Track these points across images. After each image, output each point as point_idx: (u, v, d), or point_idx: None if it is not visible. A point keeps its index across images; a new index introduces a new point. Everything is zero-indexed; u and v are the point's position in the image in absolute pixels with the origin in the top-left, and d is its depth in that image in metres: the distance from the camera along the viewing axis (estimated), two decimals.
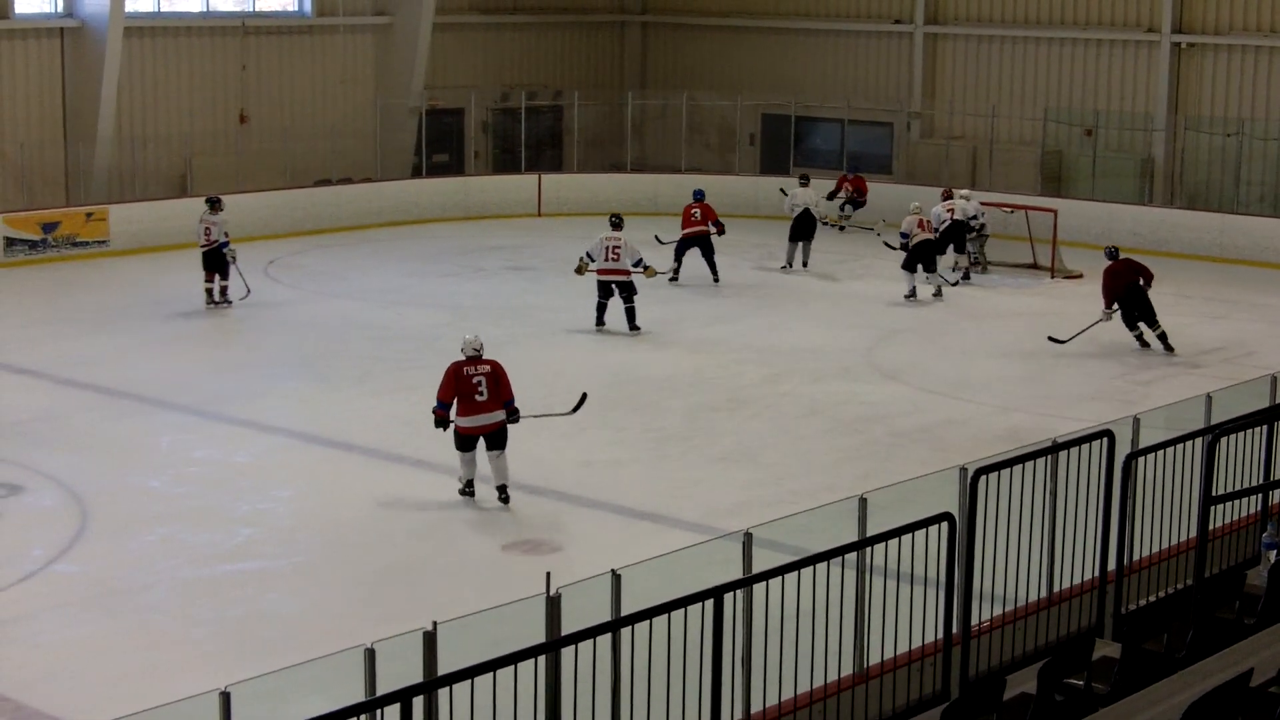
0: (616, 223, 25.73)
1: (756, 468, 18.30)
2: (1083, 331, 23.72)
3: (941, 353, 23.83)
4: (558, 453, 18.70)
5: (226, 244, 26.10)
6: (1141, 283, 23.78)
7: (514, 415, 16.90)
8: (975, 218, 29.56)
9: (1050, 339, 23.78)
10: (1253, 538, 12.44)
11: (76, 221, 30.68)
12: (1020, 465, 10.89)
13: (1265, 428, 12.52)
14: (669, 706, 8.87)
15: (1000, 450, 12.59)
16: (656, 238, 29.52)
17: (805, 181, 31.08)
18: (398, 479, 17.83)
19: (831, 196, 34.12)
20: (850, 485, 15.75)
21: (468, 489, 16.91)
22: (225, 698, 7.62)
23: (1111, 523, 11.21)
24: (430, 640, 8.31)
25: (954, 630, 10.23)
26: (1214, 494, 10.96)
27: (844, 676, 10.17)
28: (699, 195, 28.68)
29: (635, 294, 24.83)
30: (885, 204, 34.08)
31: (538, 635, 8.65)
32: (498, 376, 16.80)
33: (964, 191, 30.33)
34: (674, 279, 28.19)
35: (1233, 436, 11.91)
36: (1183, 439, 11.75)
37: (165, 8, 34.52)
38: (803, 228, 30.24)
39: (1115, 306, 23.74)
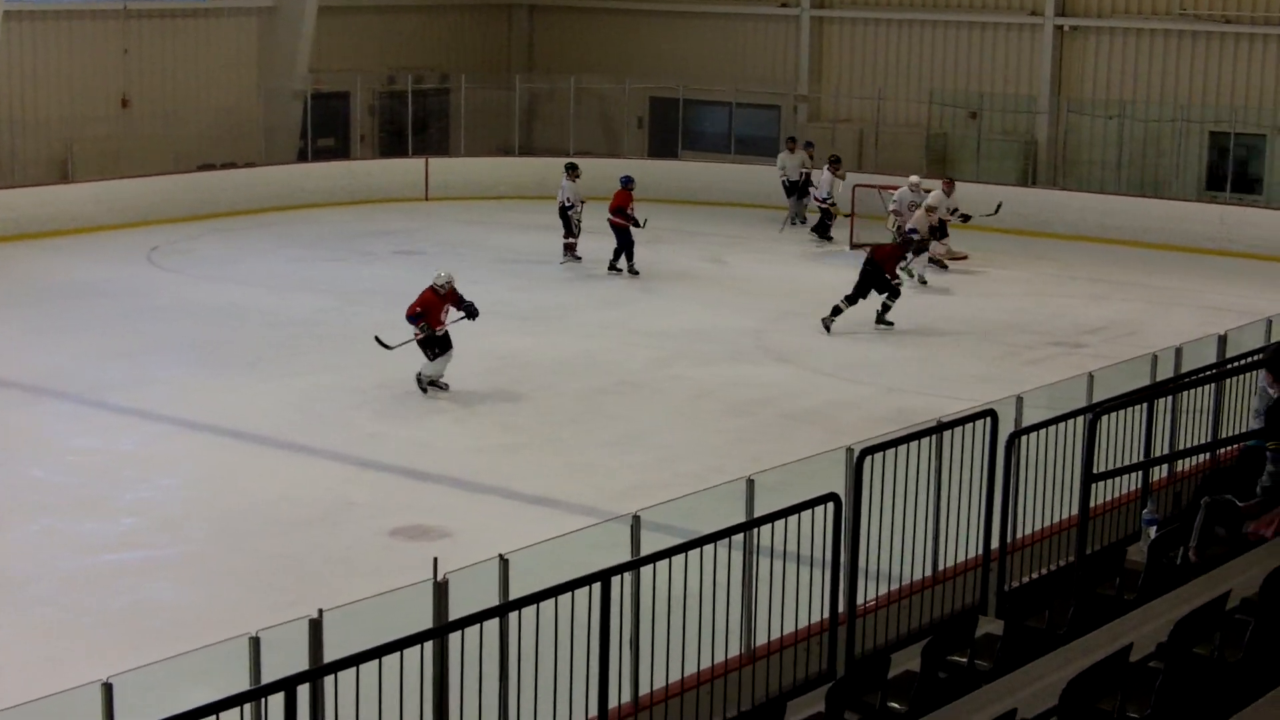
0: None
1: (647, 451, 18.34)
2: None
3: (831, 334, 23.95)
4: (447, 438, 18.65)
5: (572, 206, 28.80)
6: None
7: (423, 329, 20.19)
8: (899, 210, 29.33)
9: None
10: (1133, 514, 12.60)
11: None
12: (905, 445, 10.98)
13: (1145, 406, 12.69)
14: (556, 690, 8.88)
15: (889, 430, 12.68)
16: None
17: (792, 145, 34.24)
18: (285, 466, 17.71)
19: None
20: (740, 467, 15.74)
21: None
22: (107, 689, 7.55)
23: (995, 501, 11.33)
24: (316, 628, 8.26)
25: (840, 610, 10.31)
26: (1095, 472, 11.09)
27: (731, 657, 10.22)
28: (624, 182, 28.41)
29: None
30: (776, 189, 34.20)
31: (425, 621, 8.62)
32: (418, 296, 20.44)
33: (914, 179, 30.14)
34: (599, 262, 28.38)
35: (1113, 415, 12.06)
36: (1064, 418, 11.88)
37: None
38: (797, 187, 33.68)
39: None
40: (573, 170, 29.23)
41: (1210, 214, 31.88)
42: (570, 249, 29.12)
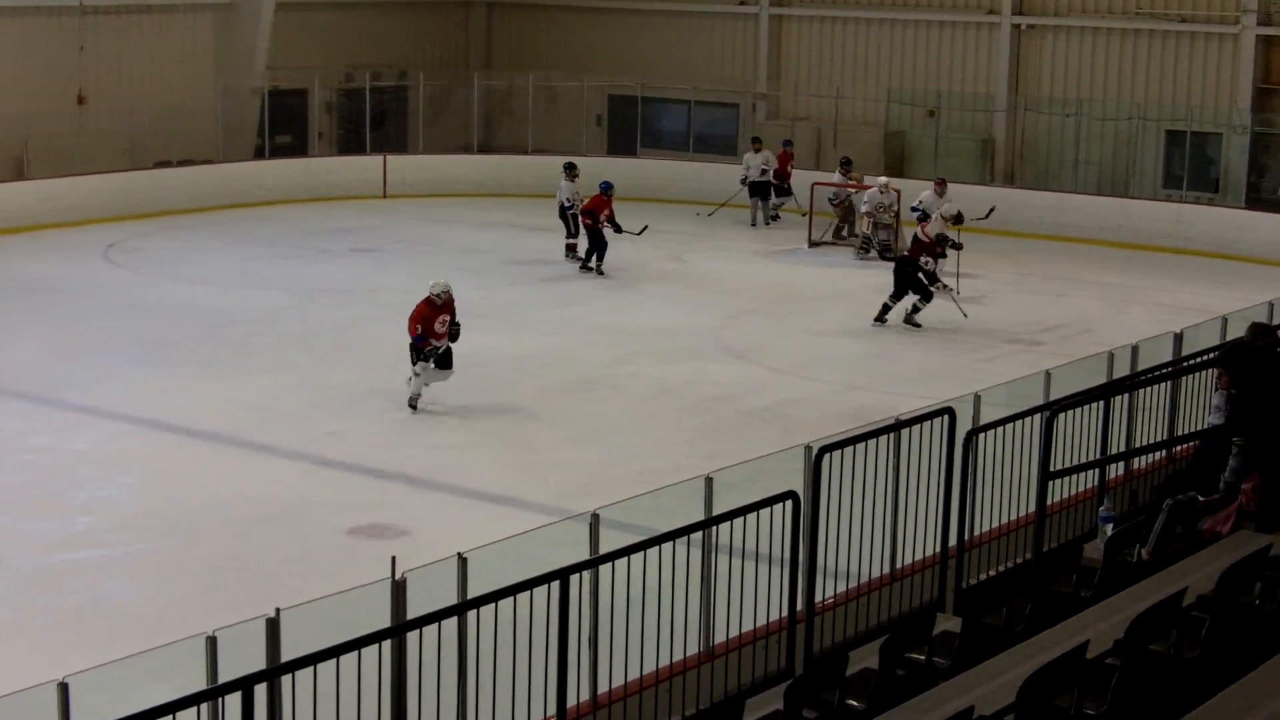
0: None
1: (606, 448, 18.33)
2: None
3: (789, 332, 24.01)
4: (406, 436, 18.60)
5: (572, 206, 28.63)
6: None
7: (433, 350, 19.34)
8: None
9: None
10: (1089, 512, 12.65)
11: None
12: (864, 443, 10.99)
13: (1102, 403, 12.73)
14: (515, 689, 8.86)
15: (847, 428, 12.70)
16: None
17: (758, 145, 33.82)
18: (241, 464, 17.63)
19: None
20: (699, 465, 15.74)
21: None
22: (63, 688, 7.50)
23: (952, 499, 11.36)
24: (273, 627, 8.23)
25: (798, 607, 10.32)
26: (1052, 469, 11.12)
27: (690, 655, 10.21)
28: (602, 188, 28.29)
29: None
30: (733, 187, 34.22)
31: (383, 620, 8.59)
32: (410, 315, 19.39)
33: (882, 180, 30.25)
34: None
35: (1070, 412, 12.10)
36: (1022, 415, 11.91)
37: None
38: (758, 187, 33.42)
39: None
40: (571, 170, 29.10)
41: (1167, 212, 32.04)
42: (572, 249, 28.90)
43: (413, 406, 19.36)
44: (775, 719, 8.46)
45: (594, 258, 27.93)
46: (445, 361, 19.42)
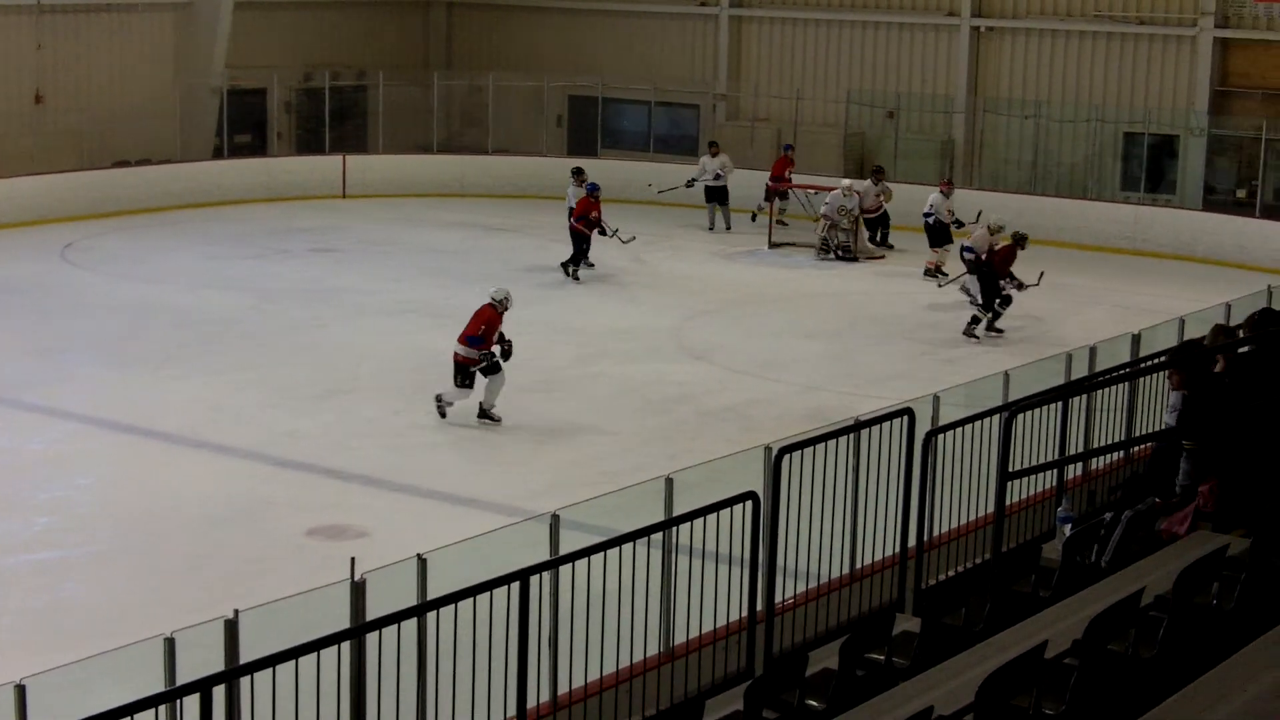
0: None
1: (567, 449, 18.32)
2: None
3: (749, 333, 24.04)
4: (365, 435, 18.55)
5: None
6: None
7: (486, 356, 18.84)
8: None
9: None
10: (1048, 512, 12.70)
11: None
12: (823, 444, 11.01)
13: (1060, 404, 12.79)
14: (475, 690, 8.85)
15: (806, 429, 12.72)
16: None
17: (715, 149, 33.34)
18: (200, 465, 17.56)
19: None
20: (659, 465, 15.74)
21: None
22: (20, 690, 7.47)
23: (912, 499, 11.39)
24: (232, 628, 8.21)
25: (758, 608, 10.33)
26: (1011, 469, 11.15)
27: (650, 656, 10.22)
28: (589, 189, 28.24)
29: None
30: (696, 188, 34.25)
31: (343, 621, 8.58)
32: (474, 314, 19.04)
33: (846, 182, 30.29)
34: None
35: (1029, 413, 12.14)
36: (981, 416, 11.95)
37: None
38: (715, 192, 32.84)
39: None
40: (579, 175, 29.02)
41: (1124, 214, 32.19)
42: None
43: (442, 414, 19.04)
44: (735, 719, 8.47)
45: (572, 261, 27.78)
46: (496, 368, 19.07)
